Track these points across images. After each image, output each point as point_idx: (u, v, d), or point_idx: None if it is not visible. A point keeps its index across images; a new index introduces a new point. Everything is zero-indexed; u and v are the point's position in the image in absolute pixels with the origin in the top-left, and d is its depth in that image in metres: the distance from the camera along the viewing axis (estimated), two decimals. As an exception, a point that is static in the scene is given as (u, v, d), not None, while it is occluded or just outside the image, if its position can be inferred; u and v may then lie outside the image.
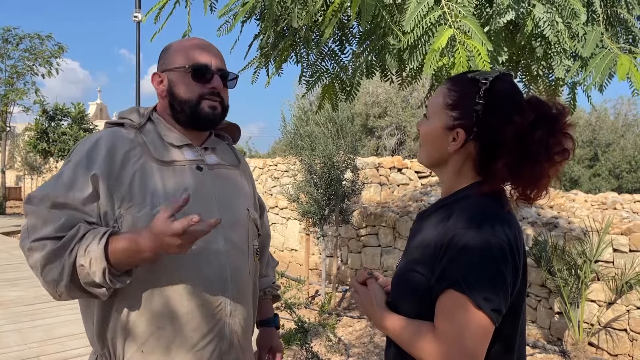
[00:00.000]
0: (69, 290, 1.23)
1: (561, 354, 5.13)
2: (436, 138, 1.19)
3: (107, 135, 1.35)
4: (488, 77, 1.15)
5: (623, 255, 5.09)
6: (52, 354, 4.25)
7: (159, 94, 1.43)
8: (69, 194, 1.25)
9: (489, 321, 1.02)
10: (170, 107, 1.41)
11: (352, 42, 2.80)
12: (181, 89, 1.38)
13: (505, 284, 1.05)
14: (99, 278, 1.19)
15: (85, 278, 1.20)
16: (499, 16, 2.10)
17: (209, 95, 1.39)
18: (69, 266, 1.20)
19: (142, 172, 1.31)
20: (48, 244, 1.21)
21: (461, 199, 1.16)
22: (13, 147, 23.90)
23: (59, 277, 1.21)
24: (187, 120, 1.40)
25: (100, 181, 1.27)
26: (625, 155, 18.11)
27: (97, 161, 1.29)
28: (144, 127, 1.39)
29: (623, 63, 2.10)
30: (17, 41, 16.96)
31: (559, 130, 1.12)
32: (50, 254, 1.21)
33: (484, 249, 1.04)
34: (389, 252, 7.20)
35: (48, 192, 1.26)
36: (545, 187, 1.14)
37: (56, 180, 1.29)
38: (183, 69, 1.38)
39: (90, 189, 1.26)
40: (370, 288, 1.25)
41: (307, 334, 4.41)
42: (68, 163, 1.32)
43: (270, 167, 11.37)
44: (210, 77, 1.38)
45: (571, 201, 6.90)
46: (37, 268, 1.24)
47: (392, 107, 17.34)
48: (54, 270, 1.21)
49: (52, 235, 1.22)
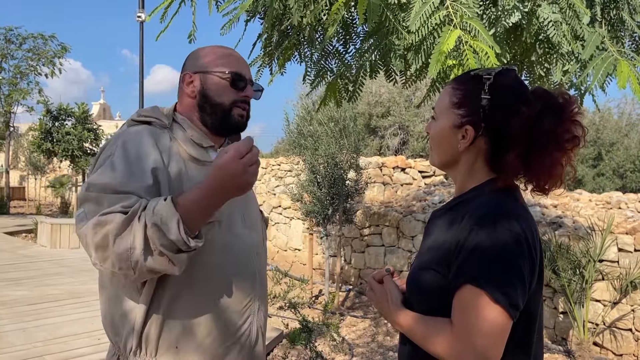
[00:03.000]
0: (145, 258, 1.16)
1: (566, 354, 5.12)
2: (445, 138, 1.20)
3: (147, 131, 1.35)
4: (491, 72, 1.15)
5: (628, 254, 5.07)
6: (57, 354, 4.25)
7: (188, 93, 1.45)
8: (130, 183, 1.23)
9: (507, 316, 1.02)
10: (199, 108, 1.44)
11: (356, 41, 2.80)
12: (216, 93, 1.43)
13: (522, 278, 1.05)
14: (175, 234, 1.14)
15: (160, 239, 1.15)
16: (505, 17, 2.09)
17: (241, 102, 1.45)
18: (141, 230, 1.15)
19: (186, 169, 1.35)
20: (117, 216, 1.17)
21: (475, 196, 1.16)
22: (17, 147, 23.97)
23: (132, 244, 1.15)
24: (216, 124, 1.44)
25: (160, 175, 1.28)
26: (629, 155, 18.05)
27: (149, 154, 1.30)
28: (172, 126, 1.42)
29: (623, 70, 2.09)
30: (20, 41, 17.00)
31: (567, 118, 1.12)
32: (120, 223, 1.15)
33: (500, 244, 1.04)
34: (393, 252, 7.19)
35: (109, 181, 1.23)
36: (559, 176, 1.13)
37: (112, 171, 1.26)
38: (222, 74, 1.43)
39: (150, 179, 1.26)
40: (386, 286, 1.25)
41: (311, 334, 4.41)
42: (113, 156, 1.29)
43: (273, 166, 11.39)
44: (244, 86, 1.45)
45: (575, 200, 6.89)
46: (107, 241, 1.16)
47: (395, 107, 17.33)
48: (126, 239, 1.15)
49: (119, 210, 1.18)
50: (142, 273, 1.19)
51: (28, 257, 8.86)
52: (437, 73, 2.01)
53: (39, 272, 7.55)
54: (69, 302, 5.88)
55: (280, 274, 8.12)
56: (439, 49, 1.95)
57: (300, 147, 6.97)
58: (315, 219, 6.95)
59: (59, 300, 5.95)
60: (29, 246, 10.29)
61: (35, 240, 10.77)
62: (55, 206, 19.55)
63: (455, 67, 2.04)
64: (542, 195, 1.19)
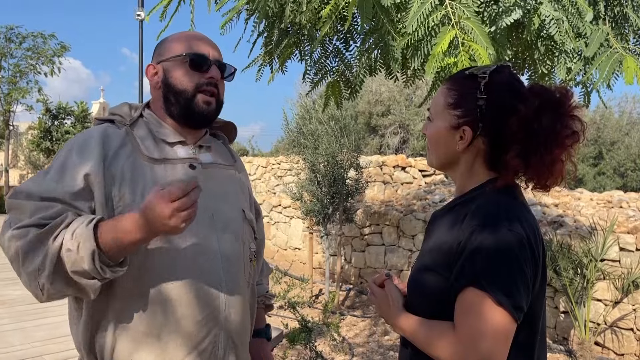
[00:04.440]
0: (53, 281, 1.10)
1: (567, 353, 5.10)
2: (443, 139, 1.18)
3: (96, 133, 1.28)
4: (486, 71, 1.14)
5: (629, 254, 5.05)
6: (56, 353, 4.24)
7: (153, 85, 1.37)
8: (58, 188, 1.18)
9: (511, 318, 1.00)
10: (164, 99, 1.35)
11: (357, 39, 2.78)
12: (177, 79, 1.33)
13: (525, 279, 1.03)
14: (88, 264, 1.08)
15: (73, 265, 1.09)
16: (505, 15, 2.08)
17: (206, 85, 1.33)
18: (53, 253, 1.09)
19: (132, 170, 1.25)
20: (31, 230, 1.11)
21: (476, 197, 1.14)
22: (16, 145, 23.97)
23: (40, 265, 1.09)
24: (181, 114, 1.34)
25: (94, 180, 1.20)
26: (630, 154, 18.04)
27: (88, 159, 1.22)
28: (136, 123, 1.34)
29: (629, 66, 2.08)
30: (20, 40, 16.99)
31: (565, 114, 1.11)
32: (32, 241, 1.10)
33: (503, 245, 1.02)
34: (393, 251, 7.18)
35: (36, 187, 1.18)
36: (560, 172, 1.12)
37: (44, 175, 1.22)
38: (180, 57, 1.33)
39: (81, 184, 1.19)
40: (387, 290, 1.23)
41: (311, 334, 4.40)
42: (56, 160, 1.25)
43: (273, 165, 11.36)
44: (207, 67, 1.34)
45: (576, 200, 6.87)
46: (18, 258, 1.12)
47: (395, 106, 17.31)
48: (36, 259, 1.10)
49: (36, 223, 1.12)
50: (49, 294, 1.13)
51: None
52: (434, 73, 2.00)
53: (38, 272, 7.53)
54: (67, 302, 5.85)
55: (280, 273, 8.12)
56: (434, 50, 1.94)
57: (300, 146, 6.95)
58: (316, 218, 6.94)
59: (57, 300, 5.93)
60: (29, 245, 10.26)
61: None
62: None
63: (453, 66, 2.02)
64: (544, 193, 1.18)
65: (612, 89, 2.36)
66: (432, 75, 2.02)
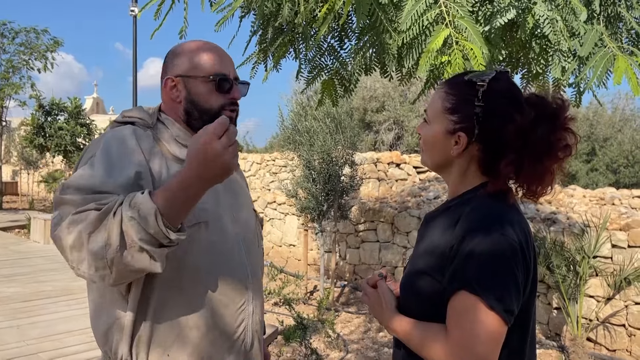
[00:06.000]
0: (122, 255, 1.08)
1: (559, 349, 5.14)
2: (438, 142, 1.19)
3: (128, 132, 1.31)
4: (485, 79, 1.14)
5: (622, 251, 5.09)
6: (51, 351, 4.24)
7: (172, 98, 1.40)
8: (109, 182, 1.18)
9: (502, 322, 1.02)
10: (186, 113, 1.39)
11: (351, 37, 2.78)
12: (202, 97, 1.37)
13: (517, 284, 1.04)
14: (153, 226, 1.07)
15: (137, 233, 1.07)
16: (499, 15, 2.08)
17: (229, 105, 1.39)
18: (117, 225, 1.07)
19: (169, 170, 1.30)
20: (91, 213, 1.10)
21: (468, 200, 1.15)
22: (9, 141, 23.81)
23: (107, 240, 1.07)
24: (201, 126, 1.38)
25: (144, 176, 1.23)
26: (622, 150, 18.13)
27: (132, 154, 1.25)
28: (156, 127, 1.38)
29: (619, 66, 2.09)
30: (12, 35, 16.83)
31: (561, 127, 1.12)
32: (94, 221, 1.08)
33: (495, 249, 1.03)
34: (388, 248, 7.20)
35: (84, 181, 1.18)
36: (550, 182, 1.14)
37: (90, 170, 1.22)
38: (206, 78, 1.37)
39: (131, 178, 1.21)
40: (380, 291, 1.24)
41: (306, 331, 4.41)
42: (95, 157, 1.25)
43: (268, 162, 11.35)
44: (229, 87, 1.39)
45: (570, 197, 6.91)
46: (81, 240, 1.09)
47: (389, 102, 17.32)
48: (101, 235, 1.08)
49: (94, 207, 1.11)
50: (119, 272, 1.10)
51: (21, 253, 8.80)
52: (426, 71, 2.01)
53: (32, 269, 7.51)
54: (62, 299, 5.85)
55: (276, 269, 8.13)
56: (429, 45, 1.94)
57: (295, 143, 6.94)
58: (310, 215, 6.94)
59: (52, 297, 5.92)
60: (22, 242, 10.23)
61: (29, 236, 10.70)
62: (48, 201, 19.43)
63: (447, 65, 2.03)
64: (532, 200, 1.19)
65: (607, 87, 2.37)
66: (425, 71, 2.03)
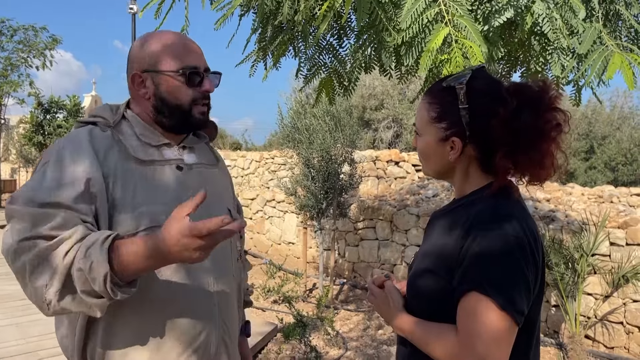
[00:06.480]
0: (60, 298, 1.07)
1: (558, 347, 5.16)
2: (434, 152, 1.20)
3: (83, 135, 1.25)
4: (462, 81, 1.15)
5: (620, 248, 5.11)
6: (51, 349, 4.24)
7: (140, 95, 1.33)
8: (59, 193, 1.13)
9: (513, 322, 1.02)
10: (155, 110, 1.32)
11: (350, 36, 2.79)
12: (172, 94, 1.30)
13: (527, 283, 1.05)
14: (99, 286, 1.04)
15: (83, 285, 1.06)
16: (497, 14, 2.09)
17: (201, 99, 1.33)
18: (62, 270, 1.05)
19: (123, 171, 1.23)
20: (40, 242, 1.07)
21: (475, 200, 1.16)
22: (7, 139, 23.78)
23: (49, 281, 1.06)
24: (176, 125, 1.34)
25: (95, 182, 1.18)
26: (621, 148, 18.16)
27: (83, 161, 1.19)
28: (119, 126, 1.31)
29: (614, 62, 2.10)
30: (11, 33, 16.80)
31: (546, 109, 1.12)
32: (41, 255, 1.06)
33: (504, 249, 1.04)
34: (387, 246, 7.21)
35: (34, 193, 1.13)
36: (552, 165, 1.13)
37: (40, 180, 1.17)
38: (175, 73, 1.29)
39: (82, 187, 1.16)
40: (387, 290, 1.25)
41: (305, 328, 4.42)
42: (48, 164, 1.20)
43: (267, 160, 11.35)
44: (200, 80, 1.32)
45: (568, 195, 6.92)
46: (25, 271, 1.08)
47: (388, 100, 17.32)
48: (45, 274, 1.06)
49: (45, 234, 1.08)
50: (55, 311, 1.11)
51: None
52: (427, 69, 2.01)
53: (31, 267, 7.50)
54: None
55: (275, 267, 8.14)
56: (429, 45, 1.95)
57: (294, 141, 6.95)
58: (309, 213, 6.95)
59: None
60: (21, 240, 10.20)
61: (28, 234, 10.67)
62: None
63: (447, 63, 2.04)
64: (539, 186, 1.19)
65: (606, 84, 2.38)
66: (425, 71, 2.03)
